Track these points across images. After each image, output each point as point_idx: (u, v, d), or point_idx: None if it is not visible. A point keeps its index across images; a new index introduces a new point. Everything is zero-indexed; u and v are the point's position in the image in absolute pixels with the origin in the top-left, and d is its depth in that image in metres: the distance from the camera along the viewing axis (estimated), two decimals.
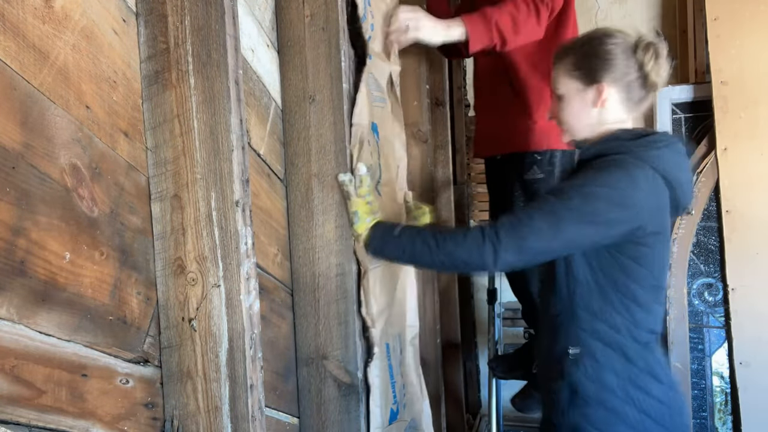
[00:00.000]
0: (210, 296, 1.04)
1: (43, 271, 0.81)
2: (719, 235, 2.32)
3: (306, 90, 1.43)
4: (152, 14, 1.03)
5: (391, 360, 1.57)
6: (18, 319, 0.78)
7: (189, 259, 1.04)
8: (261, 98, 1.35)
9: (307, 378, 1.46)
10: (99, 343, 0.91)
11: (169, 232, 1.05)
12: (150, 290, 1.04)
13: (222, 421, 1.04)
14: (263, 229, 1.33)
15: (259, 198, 1.32)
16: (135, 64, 1.02)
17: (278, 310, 1.40)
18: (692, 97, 2.45)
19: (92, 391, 0.89)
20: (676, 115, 2.50)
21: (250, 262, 1.07)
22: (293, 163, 1.45)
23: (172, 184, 1.04)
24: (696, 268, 2.36)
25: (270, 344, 1.35)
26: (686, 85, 2.48)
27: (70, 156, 0.87)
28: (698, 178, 2.32)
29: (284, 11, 1.43)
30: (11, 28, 0.78)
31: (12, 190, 0.77)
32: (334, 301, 1.43)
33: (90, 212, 0.90)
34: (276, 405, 1.37)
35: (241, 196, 1.05)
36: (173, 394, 1.06)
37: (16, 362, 0.77)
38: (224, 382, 1.04)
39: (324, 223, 1.43)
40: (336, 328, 1.44)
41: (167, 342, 1.06)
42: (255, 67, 1.33)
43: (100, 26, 0.93)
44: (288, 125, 1.45)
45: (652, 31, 1.33)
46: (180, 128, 1.03)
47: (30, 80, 0.80)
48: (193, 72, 1.03)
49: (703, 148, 2.36)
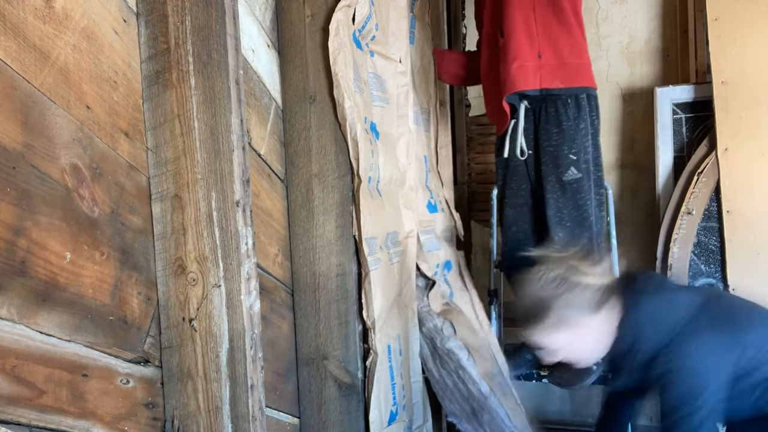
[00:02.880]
0: (210, 296, 1.04)
1: (44, 271, 0.81)
2: (720, 235, 2.31)
3: (306, 90, 1.43)
4: (153, 14, 1.03)
5: (392, 361, 1.57)
6: (19, 319, 0.78)
7: (189, 260, 1.04)
8: (261, 98, 1.35)
9: (307, 378, 1.46)
10: (99, 343, 0.91)
11: (170, 232, 1.05)
12: (150, 290, 1.04)
13: (222, 421, 1.04)
14: (264, 229, 1.33)
15: (259, 198, 1.32)
16: (135, 64, 1.02)
17: (279, 310, 1.40)
18: (693, 97, 2.45)
19: (93, 391, 0.89)
20: (677, 115, 2.50)
21: (250, 262, 1.07)
22: (294, 163, 1.45)
23: (172, 184, 1.04)
24: (697, 268, 2.36)
25: (270, 344, 1.34)
26: (687, 85, 2.47)
27: (71, 156, 0.87)
28: (699, 179, 2.32)
29: (285, 11, 1.43)
30: (12, 29, 0.78)
31: (13, 190, 0.77)
32: (334, 301, 1.43)
33: (90, 212, 0.90)
34: (276, 405, 1.37)
35: (242, 196, 1.05)
36: (174, 395, 1.05)
37: (17, 362, 0.77)
38: (225, 383, 1.04)
39: (324, 223, 1.43)
40: (336, 328, 1.44)
41: (168, 342, 1.06)
42: (255, 67, 1.32)
43: (100, 26, 0.93)
44: (288, 125, 1.45)
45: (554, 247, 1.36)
46: (180, 128, 1.03)
47: (31, 80, 0.80)
48: (193, 72, 1.03)
49: (704, 148, 2.35)
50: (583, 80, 1.90)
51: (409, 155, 1.89)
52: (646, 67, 2.77)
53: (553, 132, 1.90)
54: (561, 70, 1.88)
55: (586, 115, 1.88)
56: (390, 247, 1.63)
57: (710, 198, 2.35)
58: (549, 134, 1.90)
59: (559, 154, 1.88)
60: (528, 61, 1.87)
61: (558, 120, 1.88)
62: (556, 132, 1.89)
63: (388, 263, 1.59)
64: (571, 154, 1.87)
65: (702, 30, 2.47)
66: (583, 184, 1.89)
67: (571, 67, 1.88)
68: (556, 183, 1.90)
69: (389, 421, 1.55)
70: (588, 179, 1.90)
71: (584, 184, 1.89)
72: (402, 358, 1.66)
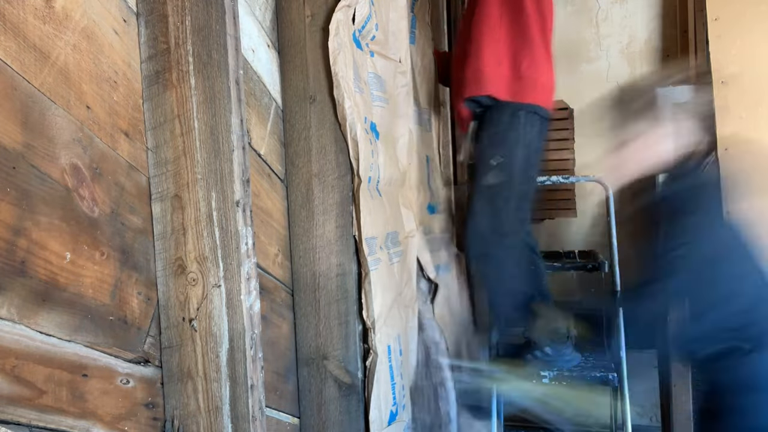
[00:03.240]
0: (210, 296, 1.04)
1: (44, 271, 0.81)
2: None
3: (306, 90, 1.43)
4: (153, 14, 1.03)
5: (392, 361, 1.57)
6: (18, 319, 0.78)
7: (189, 259, 1.04)
8: (261, 98, 1.35)
9: (307, 378, 1.46)
10: (99, 343, 0.91)
11: (170, 232, 1.05)
12: (150, 290, 1.04)
13: (222, 421, 1.04)
14: (264, 229, 1.33)
15: (259, 198, 1.32)
16: (135, 64, 1.02)
17: (279, 310, 1.40)
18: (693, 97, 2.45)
19: (93, 391, 0.89)
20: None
21: (250, 262, 1.07)
22: (294, 163, 1.45)
23: (172, 184, 1.04)
24: None
25: (270, 344, 1.35)
26: (687, 85, 2.48)
27: (71, 156, 0.87)
28: None
29: (285, 11, 1.43)
30: (12, 28, 0.78)
31: (13, 190, 0.77)
32: (334, 301, 1.43)
33: (90, 212, 0.90)
34: (276, 405, 1.37)
35: (242, 196, 1.05)
36: (174, 395, 1.06)
37: (17, 362, 0.77)
38: (225, 383, 1.04)
39: (324, 223, 1.43)
40: (336, 328, 1.44)
41: (168, 342, 1.06)
42: (255, 67, 1.32)
43: (100, 26, 0.93)
44: (288, 125, 1.45)
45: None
46: (180, 128, 1.03)
47: (31, 80, 0.80)
48: (193, 72, 1.03)
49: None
50: (534, 97, 1.92)
51: (409, 155, 1.89)
52: (647, 67, 2.77)
53: (483, 136, 1.94)
54: (515, 84, 1.91)
55: (520, 127, 1.90)
56: (390, 247, 1.63)
57: None
58: (480, 138, 1.95)
59: (483, 158, 1.93)
60: (486, 67, 1.90)
61: (489, 125, 1.93)
62: (485, 136, 1.94)
63: (388, 263, 1.60)
64: (492, 161, 1.91)
65: (702, 30, 2.47)
66: (501, 191, 1.92)
67: (526, 82, 1.91)
68: (477, 186, 1.95)
69: (389, 421, 1.55)
70: (508, 189, 1.92)
71: (502, 192, 1.92)
72: (402, 358, 1.66)
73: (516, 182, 1.92)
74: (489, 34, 1.90)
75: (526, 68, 1.89)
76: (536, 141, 1.94)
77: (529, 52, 1.89)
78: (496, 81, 1.89)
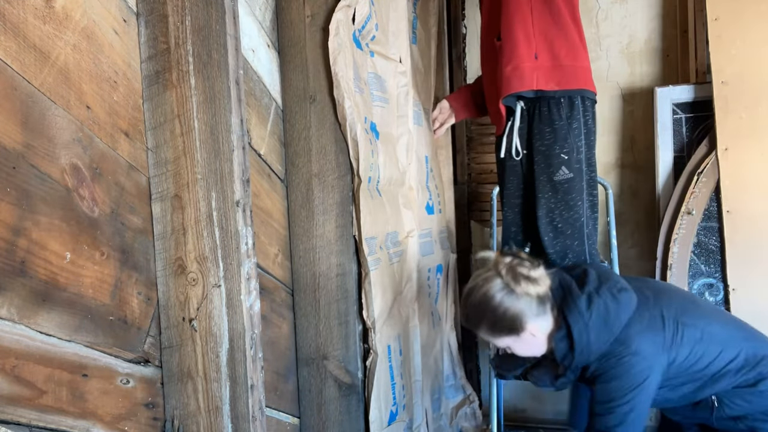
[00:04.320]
0: (210, 296, 1.04)
1: (44, 271, 0.81)
2: (720, 235, 2.31)
3: (306, 90, 1.43)
4: (153, 14, 1.03)
5: (392, 361, 1.57)
6: (19, 319, 0.78)
7: (189, 259, 1.04)
8: (261, 98, 1.35)
9: (307, 378, 1.46)
10: (99, 343, 0.91)
11: (170, 232, 1.05)
12: (150, 290, 1.04)
13: (222, 421, 1.04)
14: (264, 229, 1.33)
15: (259, 198, 1.32)
16: (135, 64, 1.02)
17: (279, 310, 1.40)
18: (693, 97, 2.45)
19: (93, 391, 0.89)
20: (677, 115, 2.50)
21: (250, 262, 1.07)
22: (294, 163, 1.45)
23: (172, 184, 1.04)
24: (697, 268, 2.36)
25: (270, 344, 1.35)
26: (687, 85, 2.47)
27: (71, 156, 0.87)
28: (699, 179, 2.32)
29: (285, 11, 1.43)
30: (12, 28, 0.78)
31: (13, 190, 0.77)
32: (334, 301, 1.43)
33: (90, 212, 0.90)
34: (276, 405, 1.37)
35: (242, 196, 1.05)
36: (174, 394, 1.06)
37: (17, 362, 0.77)
38: (225, 382, 1.04)
39: (324, 223, 1.43)
40: (336, 328, 1.44)
41: (168, 342, 1.06)
42: (255, 67, 1.32)
43: (100, 26, 0.93)
44: (288, 125, 1.45)
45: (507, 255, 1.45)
46: (180, 128, 1.03)
47: (31, 80, 0.80)
48: (193, 72, 1.03)
49: (704, 148, 2.35)
50: (579, 82, 1.90)
51: (409, 155, 1.89)
52: (646, 67, 2.77)
53: (546, 131, 1.91)
54: (556, 72, 1.89)
55: (580, 115, 1.89)
56: (390, 247, 1.63)
57: (710, 198, 2.35)
58: (542, 134, 1.91)
59: (551, 153, 1.89)
60: (524, 63, 1.88)
61: (551, 119, 1.89)
62: (548, 131, 1.90)
63: (388, 263, 1.59)
64: (563, 154, 1.88)
65: (702, 30, 2.47)
66: (574, 184, 1.89)
67: (567, 70, 1.89)
68: (547, 183, 1.91)
69: (389, 421, 1.55)
70: (580, 179, 1.90)
71: (576, 184, 1.89)
72: (402, 358, 1.66)
73: (585, 171, 1.91)
74: (522, 30, 1.88)
75: (565, 56, 1.89)
76: (593, 125, 1.94)
77: (565, 41, 1.89)
78: (538, 74, 1.87)
